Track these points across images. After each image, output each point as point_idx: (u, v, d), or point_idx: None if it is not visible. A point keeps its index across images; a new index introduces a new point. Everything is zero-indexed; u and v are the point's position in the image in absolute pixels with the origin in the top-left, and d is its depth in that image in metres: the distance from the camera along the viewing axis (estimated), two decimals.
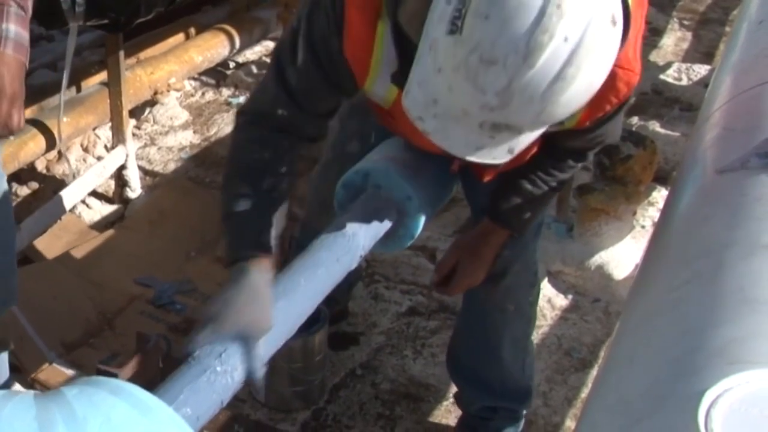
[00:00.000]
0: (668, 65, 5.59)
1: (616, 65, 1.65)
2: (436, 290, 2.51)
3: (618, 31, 1.54)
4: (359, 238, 2.11)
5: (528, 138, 1.61)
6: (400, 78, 1.75)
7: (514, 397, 2.83)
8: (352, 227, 2.12)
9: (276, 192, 1.97)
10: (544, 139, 1.92)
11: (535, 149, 2.14)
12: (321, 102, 2.01)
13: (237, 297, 1.82)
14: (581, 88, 1.52)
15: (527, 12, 1.44)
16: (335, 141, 2.62)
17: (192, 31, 4.95)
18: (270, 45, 5.49)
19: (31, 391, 1.40)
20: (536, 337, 3.31)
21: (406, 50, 1.74)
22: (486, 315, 2.65)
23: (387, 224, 2.23)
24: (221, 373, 1.69)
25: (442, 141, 1.62)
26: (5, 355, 2.42)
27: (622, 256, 3.59)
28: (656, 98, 5.24)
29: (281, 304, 1.85)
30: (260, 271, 1.87)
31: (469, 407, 2.89)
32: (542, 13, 1.43)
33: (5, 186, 2.23)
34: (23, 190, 3.98)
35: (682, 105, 5.13)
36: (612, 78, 1.70)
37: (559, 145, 2.17)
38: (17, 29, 2.09)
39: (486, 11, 1.45)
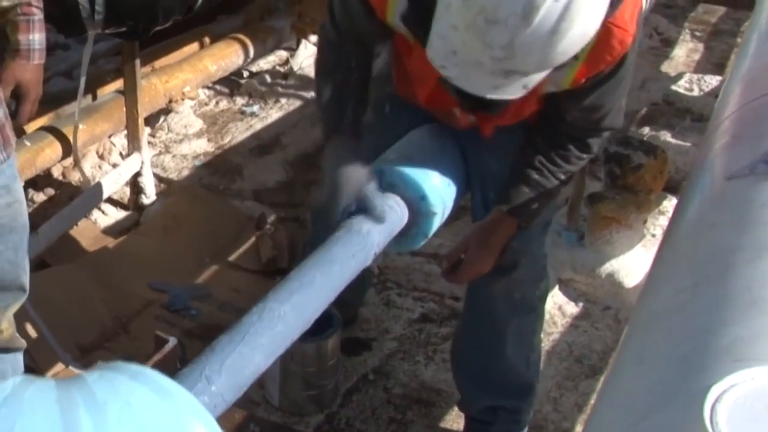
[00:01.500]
0: (680, 76, 5.61)
1: (611, 23, 1.94)
2: (445, 278, 2.56)
3: None
4: (374, 236, 2.14)
5: (538, 76, 1.86)
6: (408, 19, 2.07)
7: (514, 393, 2.84)
8: (367, 225, 2.14)
9: (348, 85, 2.35)
10: (546, 106, 2.25)
11: (535, 107, 2.31)
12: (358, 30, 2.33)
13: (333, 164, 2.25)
14: (575, 37, 1.77)
15: None
16: None
17: (206, 40, 4.99)
18: (284, 54, 5.53)
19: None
20: (547, 344, 3.34)
21: None
22: (492, 304, 2.68)
23: (401, 223, 2.26)
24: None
25: (464, 84, 1.89)
26: (20, 355, 2.45)
27: (632, 264, 3.60)
28: (668, 109, 5.26)
29: (296, 298, 1.88)
30: (343, 142, 2.31)
31: (470, 409, 2.91)
32: None
33: (18, 187, 2.28)
34: (39, 197, 4.01)
35: (693, 115, 5.15)
36: (607, 34, 1.99)
37: (561, 125, 2.31)
38: (41, 37, 2.33)
39: None
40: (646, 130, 4.87)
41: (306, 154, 4.56)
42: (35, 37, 2.32)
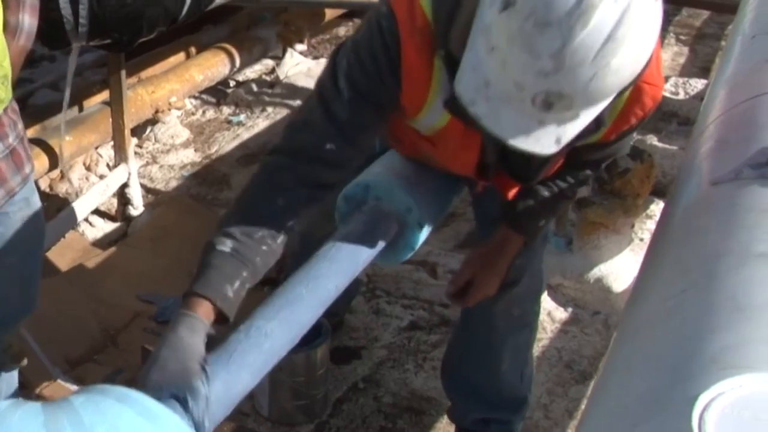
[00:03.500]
0: (665, 80, 5.62)
1: (642, 81, 1.77)
2: (452, 302, 2.54)
3: (659, 7, 1.66)
4: (360, 250, 2.14)
5: (575, 127, 1.68)
6: (453, 103, 1.78)
7: (508, 407, 2.84)
8: (353, 239, 2.14)
9: (260, 240, 1.88)
10: (568, 154, 2.03)
11: (560, 162, 2.19)
12: (369, 132, 2.05)
13: (166, 355, 1.71)
14: (630, 54, 1.60)
15: None
16: None
17: (192, 50, 5.00)
18: (270, 63, 5.54)
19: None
20: (536, 349, 3.33)
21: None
22: (489, 320, 2.66)
23: (388, 236, 2.26)
24: None
25: (493, 125, 1.68)
26: (16, 371, 2.46)
27: (621, 269, 3.61)
28: (654, 112, 5.25)
29: (284, 314, 1.88)
30: (194, 325, 1.77)
31: (462, 420, 2.91)
32: None
33: (36, 198, 2.29)
34: None
35: (679, 119, 5.16)
36: (638, 92, 1.88)
37: (576, 162, 2.24)
38: (31, 20, 2.24)
39: None
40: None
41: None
42: (25, 18, 2.21)
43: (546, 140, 1.68)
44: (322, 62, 5.40)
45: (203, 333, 1.76)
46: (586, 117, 1.68)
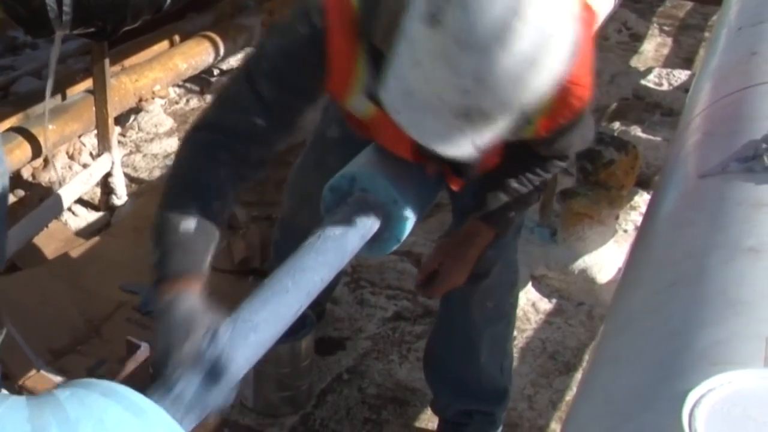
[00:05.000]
0: (649, 71, 5.64)
1: (569, 81, 1.80)
2: (419, 292, 2.54)
3: (579, 26, 1.70)
4: (346, 242, 2.13)
5: (492, 133, 1.72)
6: (376, 98, 1.83)
7: (490, 398, 2.85)
8: (339, 230, 2.13)
9: (216, 214, 1.91)
10: (508, 148, 2.09)
11: (497, 159, 2.22)
12: (297, 112, 2.06)
13: (174, 330, 1.72)
14: (550, 76, 1.66)
15: (503, 2, 1.59)
16: (316, 127, 2.69)
17: (176, 38, 4.96)
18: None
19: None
20: (520, 341, 3.34)
21: (381, 67, 1.80)
22: (465, 313, 2.68)
23: (373, 228, 2.25)
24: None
25: (415, 132, 1.75)
26: None
27: (605, 260, 3.62)
28: (637, 103, 5.27)
29: (270, 307, 1.87)
30: (191, 295, 1.79)
31: (445, 412, 2.91)
32: (517, 3, 1.59)
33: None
34: (9, 198, 3.97)
35: (663, 110, 5.17)
36: (565, 93, 1.88)
37: (533, 155, 2.27)
38: None
39: (465, 2, 1.60)
40: (616, 125, 4.89)
41: (277, 152, 4.54)
42: None
43: (465, 146, 1.73)
44: None
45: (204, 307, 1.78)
46: (504, 124, 1.72)
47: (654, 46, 6.29)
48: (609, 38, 6.08)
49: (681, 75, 5.49)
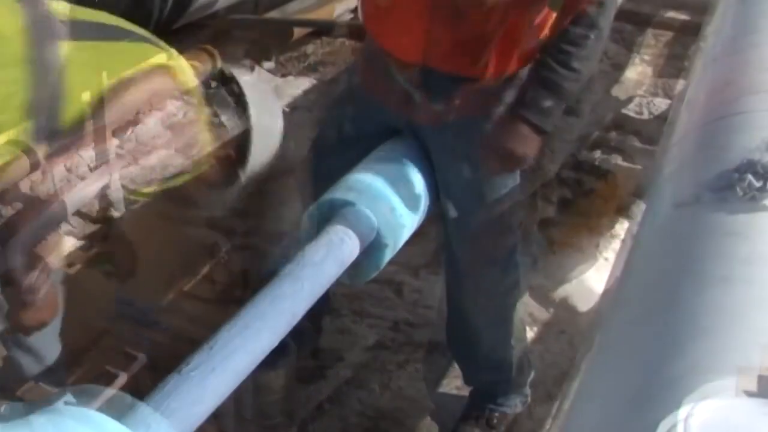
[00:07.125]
0: (629, 100, 5.67)
1: None
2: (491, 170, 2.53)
3: None
4: (325, 269, 2.14)
5: None
6: None
7: (507, 368, 2.99)
8: (318, 257, 2.14)
9: None
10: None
11: (516, 64, 2.35)
12: None
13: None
14: None
15: None
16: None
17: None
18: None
19: None
20: None
21: None
22: (468, 277, 2.81)
23: (353, 255, 2.26)
24: None
25: None
26: None
27: (585, 288, 3.63)
28: (618, 132, 5.30)
29: (247, 333, 1.87)
30: None
31: (471, 381, 3.07)
32: None
33: None
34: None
35: (643, 139, 5.19)
36: None
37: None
38: None
39: None
40: (597, 154, 4.90)
41: (259, 182, 4.54)
42: None
43: None
44: (291, 80, 5.40)
45: None
46: None
47: (635, 75, 6.33)
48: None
49: (661, 104, 5.52)
